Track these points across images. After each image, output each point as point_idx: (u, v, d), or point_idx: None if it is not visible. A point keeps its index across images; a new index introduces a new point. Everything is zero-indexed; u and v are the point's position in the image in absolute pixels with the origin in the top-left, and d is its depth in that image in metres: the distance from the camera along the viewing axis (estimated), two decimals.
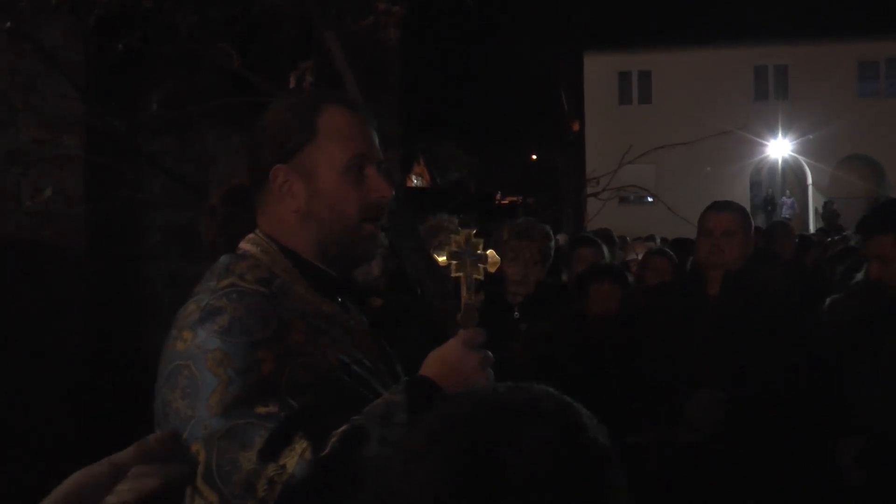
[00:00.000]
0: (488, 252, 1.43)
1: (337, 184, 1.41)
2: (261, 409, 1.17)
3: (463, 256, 1.40)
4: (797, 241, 6.98)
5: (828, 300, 3.64)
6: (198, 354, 1.22)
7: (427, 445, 0.81)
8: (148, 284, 5.00)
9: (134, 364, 3.11)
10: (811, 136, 22.37)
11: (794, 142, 23.00)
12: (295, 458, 1.13)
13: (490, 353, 1.34)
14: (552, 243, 3.55)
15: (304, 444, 1.14)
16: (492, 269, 1.43)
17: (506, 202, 23.72)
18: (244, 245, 1.43)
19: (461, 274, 1.39)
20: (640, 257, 5.35)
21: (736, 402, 2.73)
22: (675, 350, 2.91)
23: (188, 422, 1.19)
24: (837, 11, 21.07)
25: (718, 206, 3.11)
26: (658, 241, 8.54)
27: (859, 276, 3.35)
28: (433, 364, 1.30)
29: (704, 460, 2.73)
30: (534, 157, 27.32)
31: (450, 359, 1.29)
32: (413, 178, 24.57)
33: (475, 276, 1.39)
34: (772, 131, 22.82)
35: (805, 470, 2.70)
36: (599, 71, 24.10)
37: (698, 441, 2.75)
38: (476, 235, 1.44)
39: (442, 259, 1.41)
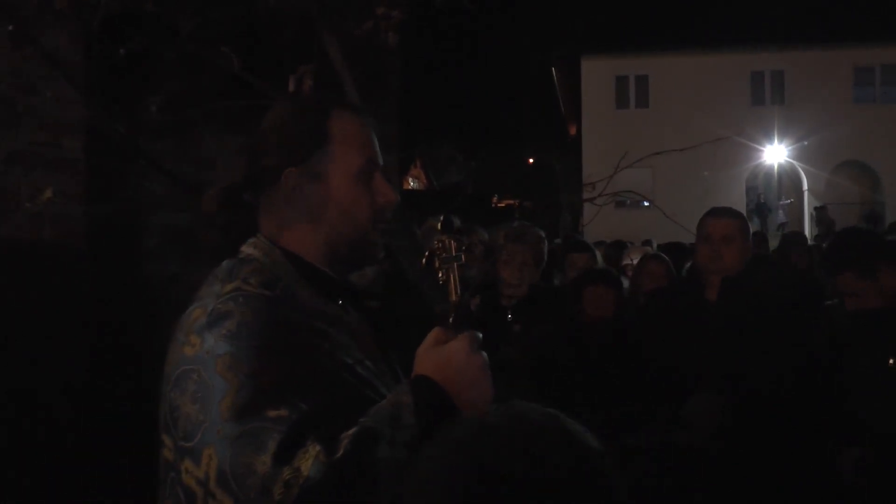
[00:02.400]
0: (464, 247, 1.47)
1: (351, 189, 1.42)
2: (272, 413, 1.17)
3: (450, 261, 1.43)
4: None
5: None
6: (207, 359, 1.23)
7: (444, 458, 0.87)
8: (148, 286, 5.00)
9: (134, 365, 3.12)
10: (807, 142, 22.43)
11: (790, 147, 23.06)
12: (309, 460, 1.13)
13: (486, 354, 1.34)
14: (545, 247, 3.58)
15: (317, 446, 1.14)
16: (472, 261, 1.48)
17: (502, 205, 23.73)
18: (246, 249, 1.43)
19: (450, 276, 1.42)
20: (634, 262, 5.35)
21: (736, 404, 2.76)
22: (674, 353, 2.93)
23: (199, 426, 1.19)
24: (834, 17, 21.15)
25: (717, 213, 3.13)
26: (654, 245, 8.56)
27: None
28: (435, 365, 1.28)
29: (703, 463, 2.75)
30: (531, 160, 27.35)
31: (455, 361, 1.28)
32: (410, 180, 24.58)
33: (459, 274, 1.43)
34: (768, 136, 22.88)
35: (805, 471, 2.72)
36: (597, 75, 24.15)
37: (697, 443, 2.77)
38: (457, 231, 1.48)
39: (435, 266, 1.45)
